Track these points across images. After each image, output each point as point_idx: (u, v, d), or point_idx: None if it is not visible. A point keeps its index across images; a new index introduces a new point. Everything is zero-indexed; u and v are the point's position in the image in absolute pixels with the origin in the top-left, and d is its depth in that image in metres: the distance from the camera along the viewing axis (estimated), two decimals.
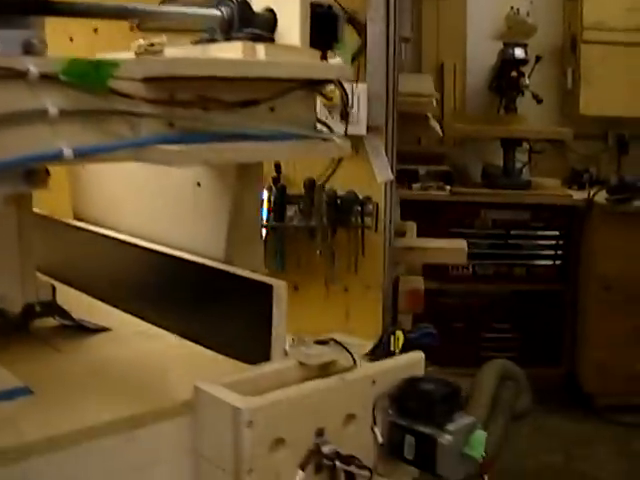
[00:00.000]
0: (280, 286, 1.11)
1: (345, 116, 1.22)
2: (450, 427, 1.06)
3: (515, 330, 4.57)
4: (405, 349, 2.38)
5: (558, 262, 4.46)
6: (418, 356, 1.17)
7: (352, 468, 1.03)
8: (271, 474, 1.00)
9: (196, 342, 1.27)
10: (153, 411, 1.03)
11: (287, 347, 1.14)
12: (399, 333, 2.34)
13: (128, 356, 1.23)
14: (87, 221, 1.63)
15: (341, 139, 1.17)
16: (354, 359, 1.10)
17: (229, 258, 1.25)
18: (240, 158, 1.10)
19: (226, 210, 1.23)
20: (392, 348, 2.35)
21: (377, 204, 2.37)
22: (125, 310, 1.43)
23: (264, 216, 2.33)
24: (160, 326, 1.34)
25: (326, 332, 2.53)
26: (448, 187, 4.44)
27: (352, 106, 1.23)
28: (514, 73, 4.41)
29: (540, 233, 4.45)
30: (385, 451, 1.12)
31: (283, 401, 1.00)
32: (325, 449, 1.02)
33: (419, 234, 3.04)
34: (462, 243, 2.72)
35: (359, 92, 2.23)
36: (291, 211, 2.34)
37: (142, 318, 1.39)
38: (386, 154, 2.34)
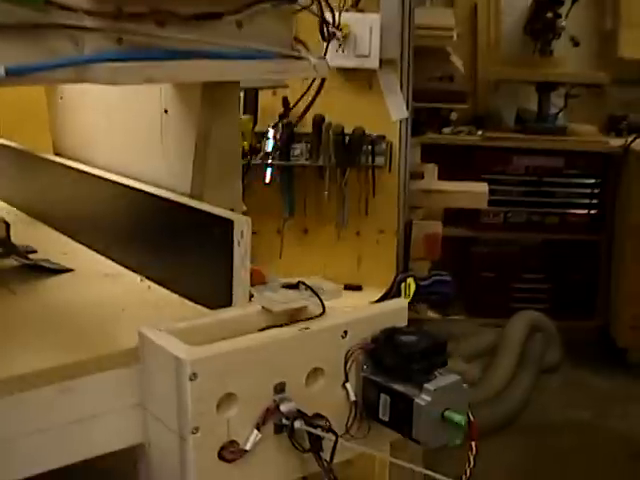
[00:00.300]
0: (242, 222, 0.98)
1: (327, 36, 1.08)
2: (429, 386, 0.93)
3: (547, 281, 4.47)
4: (417, 297, 2.27)
5: (593, 211, 4.33)
6: (400, 304, 1.03)
7: (316, 430, 0.91)
8: (221, 434, 0.88)
9: (162, 285, 1.15)
10: (93, 359, 0.92)
11: (253, 291, 1.02)
12: (410, 280, 2.23)
13: (85, 299, 1.12)
14: (65, 156, 1.52)
15: (318, 59, 1.03)
16: (323, 306, 0.98)
17: (197, 193, 1.13)
18: (191, 77, 0.96)
19: (192, 140, 1.11)
20: (403, 296, 2.24)
21: (391, 143, 2.23)
22: (96, 250, 1.32)
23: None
24: (128, 267, 1.23)
25: (336, 278, 2.42)
26: (480, 131, 4.31)
27: (339, 26, 1.09)
28: (550, 14, 4.21)
29: (575, 181, 4.31)
30: (359, 411, 1.00)
31: (233, 352, 0.88)
32: (284, 407, 0.91)
33: (448, 180, 2.89)
34: (483, 187, 2.57)
35: (371, 22, 2.08)
36: (300, 150, 2.21)
37: (112, 259, 1.28)
38: (401, 90, 2.19)
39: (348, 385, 0.98)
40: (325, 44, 1.10)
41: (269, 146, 2.20)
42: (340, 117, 2.21)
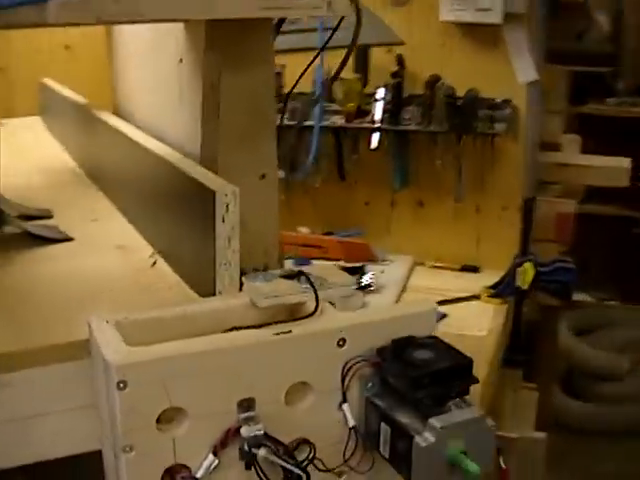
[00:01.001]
0: (227, 192, 0.79)
1: None
2: (435, 422, 0.71)
3: None
4: (535, 285, 2.00)
5: None
6: (426, 306, 0.82)
7: (282, 462, 0.72)
8: (164, 455, 0.71)
9: (167, 262, 0.99)
10: (37, 350, 0.77)
11: (245, 280, 0.83)
12: (528, 266, 1.97)
13: (71, 275, 0.96)
14: (118, 114, 1.39)
15: None
16: (317, 304, 0.78)
17: (208, 154, 0.94)
18: (157, 14, 0.77)
19: (200, 93, 0.93)
20: (519, 284, 1.98)
21: (517, 109, 1.97)
22: (126, 217, 1.18)
23: (377, 117, 2.00)
24: (146, 239, 1.08)
25: (453, 258, 2.19)
26: None
27: None
28: None
29: None
30: (361, 438, 0.80)
31: (180, 356, 0.70)
32: (245, 430, 0.72)
33: (607, 154, 2.57)
34: (624, 162, 2.25)
35: None
36: (411, 114, 1.99)
37: (135, 228, 1.13)
38: (531, 49, 1.92)
39: (345, 407, 0.78)
40: None
41: (377, 108, 2.00)
42: (458, 78, 1.98)
